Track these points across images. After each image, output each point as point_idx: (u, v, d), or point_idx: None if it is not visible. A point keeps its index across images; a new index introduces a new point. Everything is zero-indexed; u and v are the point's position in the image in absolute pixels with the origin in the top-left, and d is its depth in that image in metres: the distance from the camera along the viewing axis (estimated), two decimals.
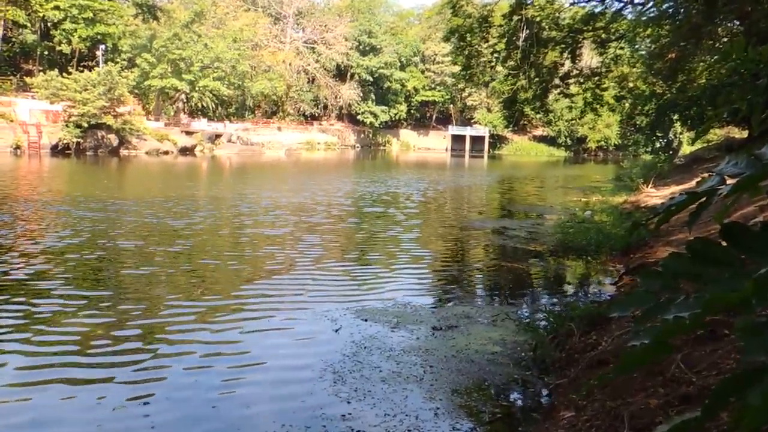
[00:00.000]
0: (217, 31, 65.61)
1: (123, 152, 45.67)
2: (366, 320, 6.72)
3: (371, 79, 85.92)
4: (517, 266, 10.11)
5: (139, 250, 9.97)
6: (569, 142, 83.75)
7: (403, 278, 8.94)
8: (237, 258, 9.80)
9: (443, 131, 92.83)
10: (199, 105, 63.71)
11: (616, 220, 12.92)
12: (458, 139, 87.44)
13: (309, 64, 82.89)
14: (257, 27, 75.93)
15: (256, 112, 79.73)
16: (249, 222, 13.66)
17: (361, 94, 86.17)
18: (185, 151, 52.49)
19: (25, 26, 53.53)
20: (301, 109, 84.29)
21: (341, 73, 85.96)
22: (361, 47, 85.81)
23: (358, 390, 4.89)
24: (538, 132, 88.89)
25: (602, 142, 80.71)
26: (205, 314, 6.59)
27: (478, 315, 7.07)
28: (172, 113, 62.64)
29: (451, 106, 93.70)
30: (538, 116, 55.16)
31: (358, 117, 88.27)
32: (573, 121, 74.11)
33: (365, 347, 5.89)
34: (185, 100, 63.84)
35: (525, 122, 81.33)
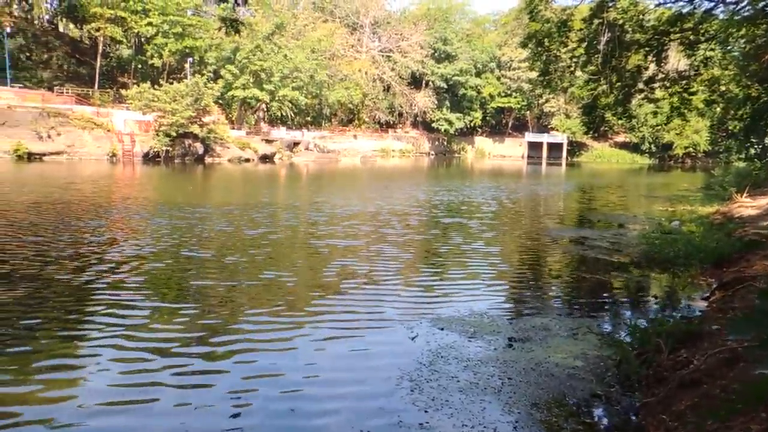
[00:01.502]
0: (297, 42, 67.53)
1: (208, 160, 47.77)
2: (442, 329, 6.69)
3: (446, 87, 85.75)
4: (598, 277, 9.76)
5: (219, 259, 10.31)
6: (654, 148, 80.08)
7: (478, 288, 8.84)
8: (313, 267, 9.99)
9: (519, 138, 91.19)
10: (279, 114, 65.73)
11: (706, 232, 12.24)
12: (535, 146, 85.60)
13: (385, 73, 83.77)
14: (335, 37, 77.56)
15: (332, 120, 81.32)
16: (325, 231, 13.90)
17: (436, 102, 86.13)
18: (265, 158, 54.25)
19: (121, 42, 57.21)
20: (377, 116, 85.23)
21: (416, 81, 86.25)
22: (436, 55, 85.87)
23: (435, 399, 4.87)
24: (620, 138, 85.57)
25: (690, 149, 76.56)
26: (284, 323, 6.74)
27: (557, 327, 6.88)
28: (254, 122, 65.01)
29: (528, 112, 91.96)
30: (620, 122, 53.07)
31: (433, 124, 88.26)
32: (658, 127, 70.85)
33: (442, 356, 5.86)
34: (266, 109, 66.06)
35: (606, 128, 78.33)
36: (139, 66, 58.83)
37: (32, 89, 48.41)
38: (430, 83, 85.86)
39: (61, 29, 66.61)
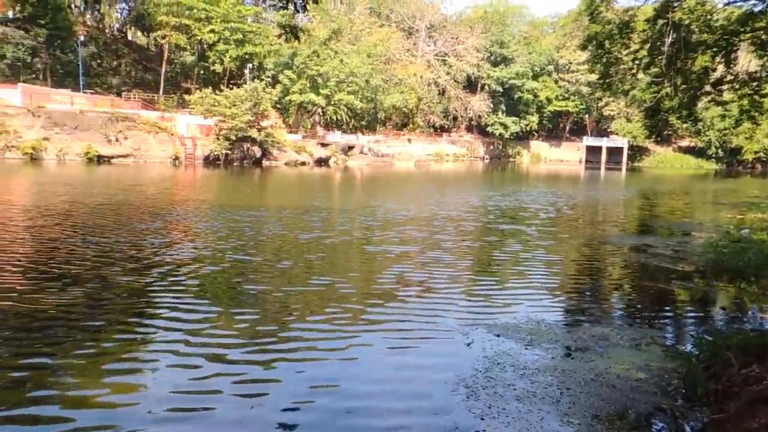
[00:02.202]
0: (353, 47, 68.28)
1: (265, 163, 48.85)
2: (498, 336, 6.62)
3: (502, 90, 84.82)
4: (662, 287, 9.42)
5: (274, 264, 10.43)
6: (721, 153, 76.64)
7: (535, 295, 8.68)
8: (368, 274, 10.02)
9: (577, 142, 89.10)
10: (334, 118, 66.58)
11: None
12: (593, 151, 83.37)
13: (440, 77, 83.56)
14: (390, 42, 77.97)
15: (387, 124, 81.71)
16: (379, 236, 13.94)
17: (491, 105, 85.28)
18: (320, 162, 55.04)
19: (185, 49, 59.36)
20: (431, 120, 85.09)
21: (471, 85, 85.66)
22: (492, 58, 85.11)
23: (492, 407, 4.82)
24: (685, 143, 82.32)
25: (761, 153, 72.85)
26: (340, 330, 6.76)
27: (618, 337, 6.69)
28: (309, 126, 66.07)
29: (586, 116, 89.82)
30: (684, 126, 51.09)
31: (488, 128, 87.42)
32: (726, 131, 67.85)
33: (498, 363, 5.80)
34: (322, 114, 67.03)
35: (669, 132, 75.64)
36: (202, 72, 60.82)
37: (102, 95, 50.78)
38: (486, 87, 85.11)
39: (129, 37, 69.62)
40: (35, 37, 50.12)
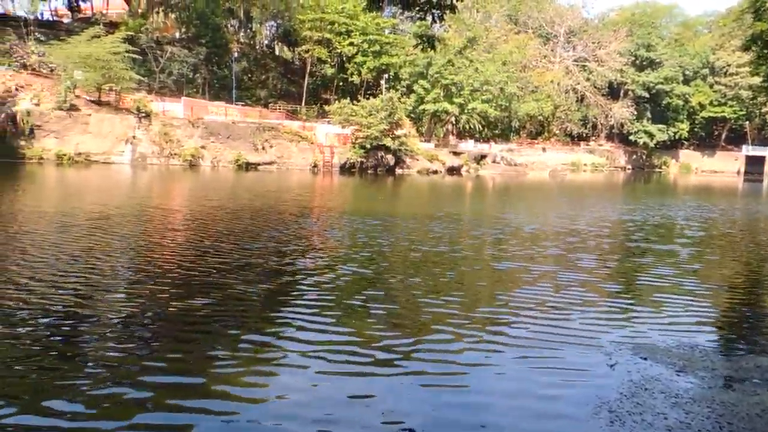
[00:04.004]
0: (488, 55, 67.69)
1: (398, 171, 49.84)
2: (645, 359, 6.17)
3: (647, 96, 79.61)
4: None
5: (401, 274, 10.49)
6: None
7: (686, 317, 7.99)
8: (498, 288, 9.78)
9: (735, 152, 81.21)
10: (467, 126, 66.38)
11: None
12: (755, 161, 75.49)
13: (578, 83, 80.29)
14: (527, 48, 76.29)
15: (521, 132, 79.92)
16: (510, 250, 13.63)
17: (635, 112, 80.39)
18: (452, 170, 55.09)
19: (326, 62, 62.39)
20: (568, 129, 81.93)
21: (613, 91, 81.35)
22: (637, 62, 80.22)
23: None
24: None
25: None
26: (469, 345, 6.59)
27: None
28: (442, 135, 66.44)
29: (747, 123, 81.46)
30: None
31: (631, 137, 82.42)
32: None
33: (646, 389, 5.40)
34: (454, 122, 67.13)
35: None
36: (340, 83, 63.52)
37: (252, 106, 54.81)
38: (630, 93, 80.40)
39: (277, 52, 74.51)
40: (197, 55, 55.34)
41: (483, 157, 63.45)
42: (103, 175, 34.03)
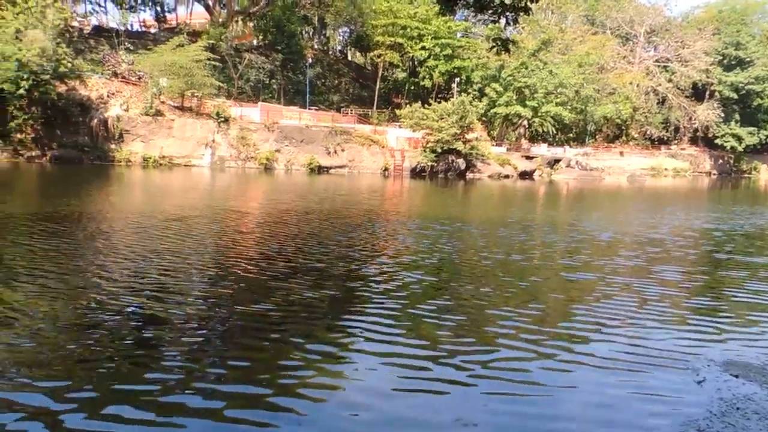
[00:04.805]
0: (563, 57, 66.02)
1: (468, 175, 49.39)
2: (737, 376, 5.81)
3: (736, 97, 75.22)
4: None
5: (470, 283, 10.38)
6: None
7: None
8: (574, 298, 9.45)
9: None
10: (540, 130, 64.96)
11: None
12: None
13: (660, 84, 76.92)
14: (604, 49, 73.84)
15: (597, 136, 77.37)
16: (584, 259, 13.16)
17: (722, 115, 76.03)
18: (524, 175, 54.06)
19: (397, 66, 62.77)
20: (648, 132, 78.60)
21: (698, 92, 77.40)
22: (725, 61, 75.92)
23: None
24: None
25: None
26: (547, 356, 6.39)
27: None
28: (514, 138, 65.32)
29: None
30: None
31: (717, 140, 78.09)
32: None
33: (738, 408, 5.09)
34: (527, 126, 65.86)
35: None
36: (412, 87, 63.70)
37: (324, 111, 55.90)
38: (716, 94, 76.18)
39: (349, 57, 75.75)
40: (273, 62, 57.06)
41: (557, 161, 61.86)
42: (183, 177, 35.64)
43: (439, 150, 47.88)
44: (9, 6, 40.35)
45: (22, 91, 37.31)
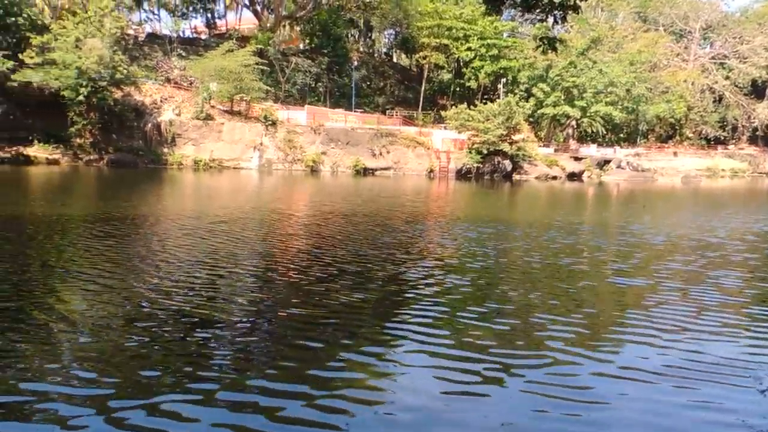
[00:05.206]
0: (613, 56, 64.45)
1: (515, 177, 48.74)
2: None
3: None
4: None
5: (517, 285, 10.24)
6: None
7: None
8: (627, 305, 9.16)
9: None
10: (589, 131, 63.53)
11: None
12: None
13: (716, 82, 74.16)
14: (657, 47, 71.68)
15: (649, 136, 75.15)
16: (635, 264, 12.75)
17: None
18: (573, 176, 52.98)
19: (443, 67, 62.51)
20: (703, 131, 75.89)
21: (757, 90, 74.25)
22: None
23: None
24: None
25: None
26: (598, 365, 6.22)
27: None
28: (562, 139, 64.09)
29: None
30: None
31: None
32: None
33: None
34: (575, 126, 64.53)
35: None
36: (457, 88, 63.31)
37: (370, 113, 56.12)
38: None
39: (394, 59, 75.88)
40: (319, 65, 57.68)
41: (607, 162, 60.34)
42: (232, 180, 36.42)
43: (485, 151, 47.42)
44: (70, 16, 42.15)
45: (81, 97, 38.94)
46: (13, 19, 40.93)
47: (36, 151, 39.63)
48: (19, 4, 41.38)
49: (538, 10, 11.34)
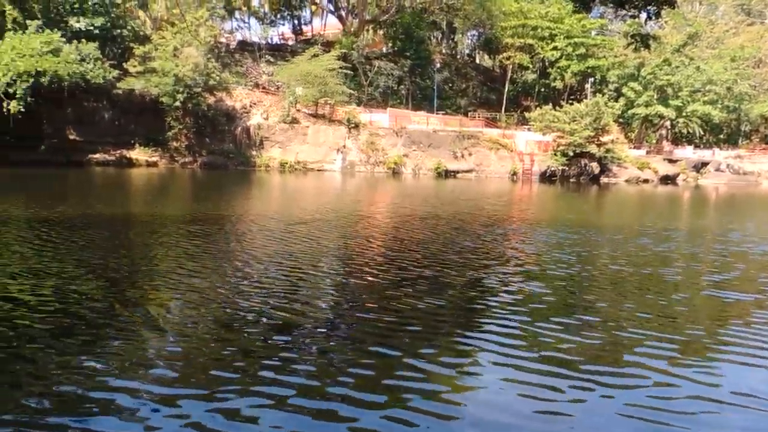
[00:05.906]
0: (713, 52, 60.63)
1: (603, 180, 46.88)
2: None
3: None
4: None
5: (602, 295, 9.80)
6: None
7: None
8: (725, 319, 8.49)
9: None
10: (685, 132, 60.07)
11: None
12: None
13: None
14: (762, 41, 66.71)
15: (752, 137, 70.03)
16: (740, 275, 11.85)
17: None
18: (666, 179, 50.31)
19: (527, 68, 61.07)
20: None
21: None
22: None
23: None
24: None
25: None
26: (692, 386, 5.87)
27: None
28: (655, 141, 60.98)
29: None
30: None
31: None
32: None
33: None
34: (669, 127, 61.21)
35: None
36: (542, 89, 61.70)
37: (452, 115, 55.78)
38: None
39: (477, 61, 74.97)
40: (401, 68, 57.98)
41: (704, 164, 56.78)
42: (316, 182, 37.30)
43: (571, 153, 45.92)
44: (168, 27, 44.76)
45: (177, 103, 41.31)
46: (119, 31, 44.10)
47: (137, 154, 42.43)
48: (124, 17, 44.46)
49: (630, 7, 10.87)
